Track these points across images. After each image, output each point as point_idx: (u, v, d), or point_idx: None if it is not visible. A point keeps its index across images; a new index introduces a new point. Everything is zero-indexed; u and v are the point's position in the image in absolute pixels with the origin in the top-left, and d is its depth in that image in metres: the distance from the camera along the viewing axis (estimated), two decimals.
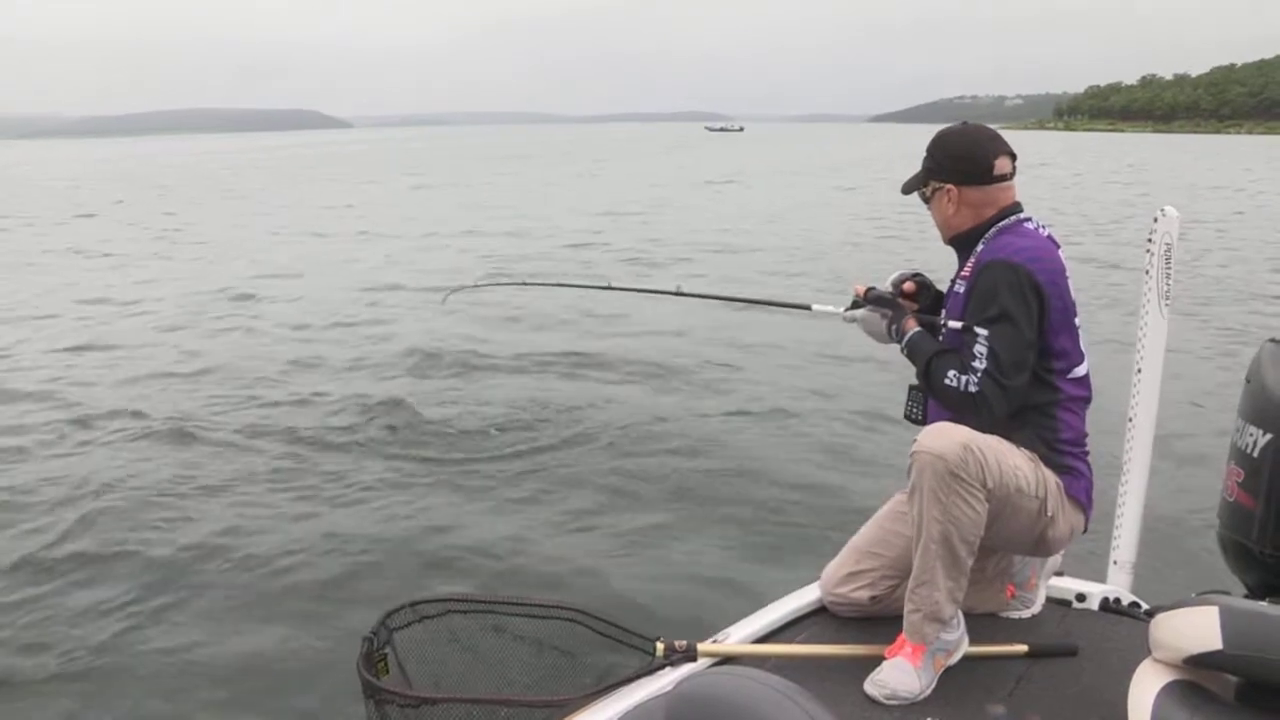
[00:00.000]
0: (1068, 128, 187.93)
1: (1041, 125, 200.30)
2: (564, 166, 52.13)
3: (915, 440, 2.38)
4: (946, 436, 2.32)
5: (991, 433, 2.40)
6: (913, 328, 2.58)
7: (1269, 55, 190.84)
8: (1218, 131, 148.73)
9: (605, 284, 3.58)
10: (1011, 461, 2.38)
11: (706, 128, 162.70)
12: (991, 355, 2.37)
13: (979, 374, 2.38)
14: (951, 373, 2.42)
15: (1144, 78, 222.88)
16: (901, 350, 2.61)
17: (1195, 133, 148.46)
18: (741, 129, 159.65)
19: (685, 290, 3.38)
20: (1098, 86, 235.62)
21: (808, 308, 2.92)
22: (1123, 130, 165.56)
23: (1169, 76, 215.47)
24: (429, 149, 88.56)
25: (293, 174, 48.69)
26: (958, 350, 2.45)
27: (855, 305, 2.73)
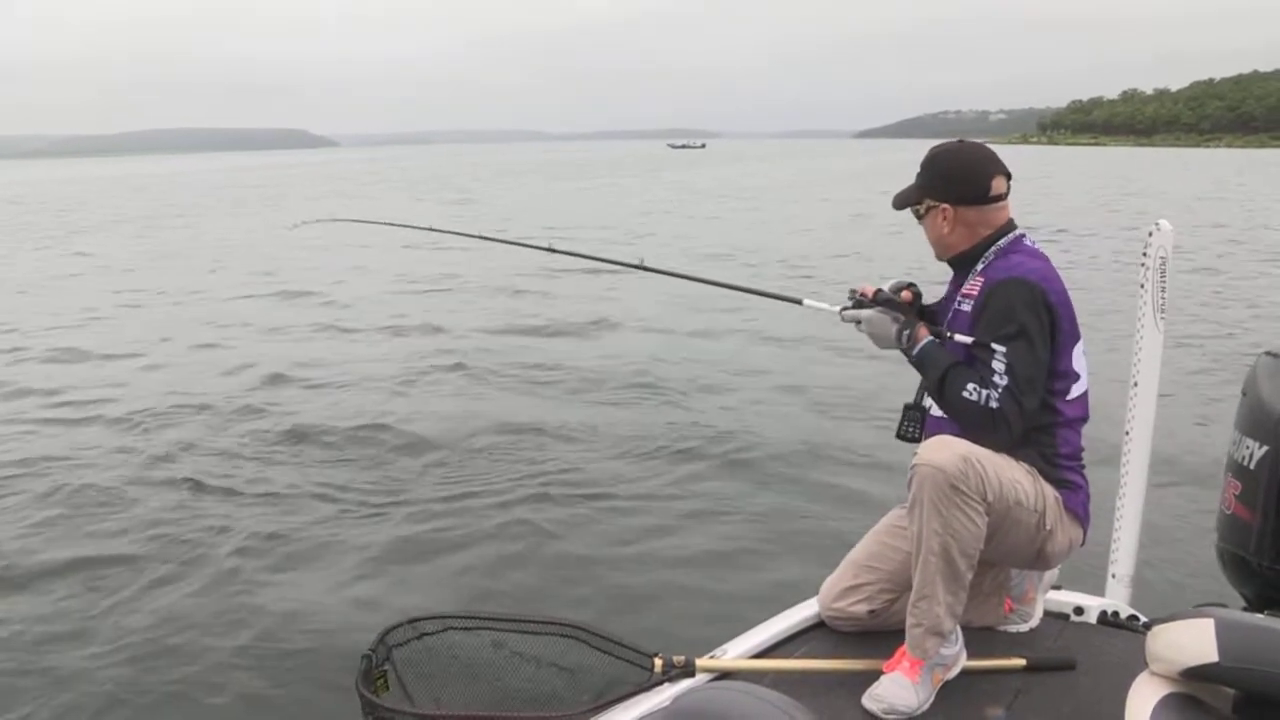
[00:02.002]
0: (1051, 142, 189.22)
1: (1025, 139, 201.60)
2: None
3: (915, 453, 2.38)
4: (947, 449, 2.32)
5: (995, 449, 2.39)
6: (925, 336, 2.53)
7: (1245, 70, 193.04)
8: (1197, 145, 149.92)
9: (546, 245, 3.40)
10: (1011, 475, 2.38)
11: (669, 145, 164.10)
12: (1010, 371, 2.35)
13: (1000, 390, 2.35)
14: (971, 386, 2.37)
15: (1125, 92, 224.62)
16: (911, 357, 2.56)
17: (1176, 146, 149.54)
18: (704, 146, 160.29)
19: (650, 265, 3.20)
20: (1080, 101, 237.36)
21: (799, 302, 2.86)
22: (1105, 144, 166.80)
23: (1150, 91, 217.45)
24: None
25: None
26: (971, 364, 2.42)
27: (859, 305, 2.66)
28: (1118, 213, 26.57)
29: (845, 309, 2.68)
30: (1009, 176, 2.58)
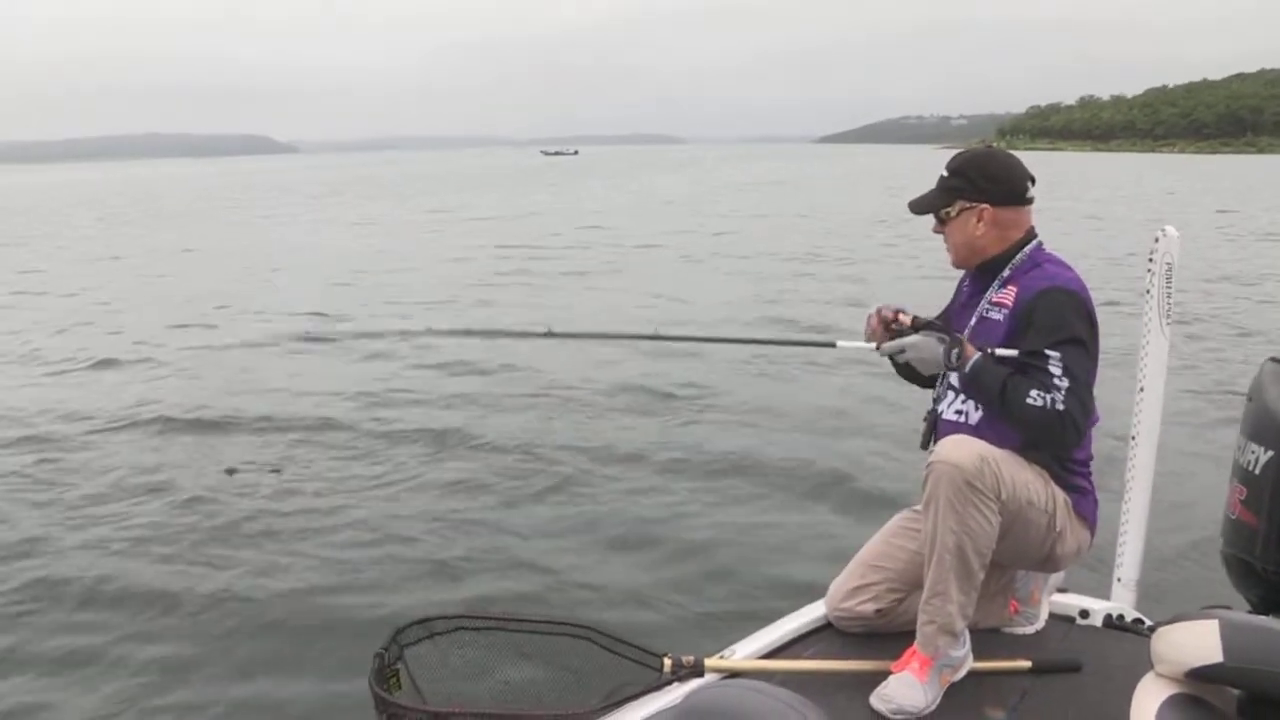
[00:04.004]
0: (1010, 147, 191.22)
1: (984, 144, 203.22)
2: None
3: (932, 452, 2.39)
4: (964, 447, 2.34)
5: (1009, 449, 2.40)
6: (975, 353, 2.47)
7: (1196, 79, 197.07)
8: (1152, 150, 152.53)
9: (545, 330, 3.19)
10: (1024, 475, 2.40)
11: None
12: (1069, 373, 2.34)
13: (1063, 391, 2.32)
14: (1034, 392, 2.34)
15: (1083, 98, 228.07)
16: (963, 375, 2.50)
17: (1132, 151, 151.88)
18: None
19: (662, 333, 3.16)
20: (1038, 107, 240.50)
21: (832, 345, 2.81)
22: (1063, 149, 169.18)
23: (1106, 97, 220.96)
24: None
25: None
26: (1025, 373, 2.39)
27: (898, 334, 2.58)
28: None
29: (888, 340, 2.61)
30: (1034, 182, 2.60)
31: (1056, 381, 2.34)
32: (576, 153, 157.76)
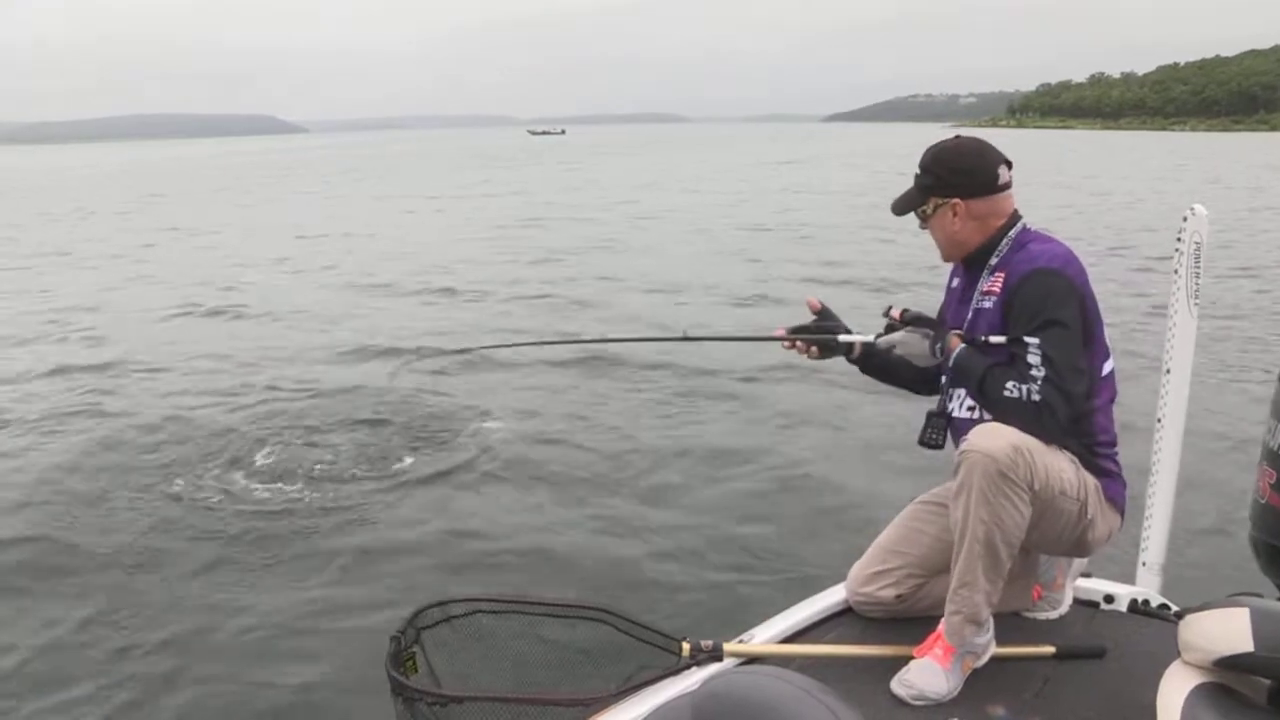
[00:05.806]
0: (1019, 125, 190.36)
1: (994, 122, 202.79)
2: None
3: (965, 440, 2.34)
4: (998, 437, 2.28)
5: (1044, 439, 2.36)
6: (958, 345, 2.48)
7: (1209, 55, 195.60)
8: (1163, 128, 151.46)
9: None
10: (1056, 465, 2.36)
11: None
12: (1047, 361, 2.31)
13: (1039, 381, 2.30)
14: (1010, 383, 2.33)
15: (1093, 76, 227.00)
16: (947, 368, 2.52)
17: (1142, 129, 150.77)
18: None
19: (692, 334, 3.16)
20: (1049, 84, 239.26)
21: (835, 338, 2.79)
22: (1073, 127, 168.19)
23: (1117, 75, 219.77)
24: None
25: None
26: (1010, 362, 2.37)
27: (890, 329, 2.61)
28: None
29: (878, 336, 2.64)
30: (1010, 165, 2.56)
31: (1034, 371, 2.31)
32: (564, 132, 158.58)
